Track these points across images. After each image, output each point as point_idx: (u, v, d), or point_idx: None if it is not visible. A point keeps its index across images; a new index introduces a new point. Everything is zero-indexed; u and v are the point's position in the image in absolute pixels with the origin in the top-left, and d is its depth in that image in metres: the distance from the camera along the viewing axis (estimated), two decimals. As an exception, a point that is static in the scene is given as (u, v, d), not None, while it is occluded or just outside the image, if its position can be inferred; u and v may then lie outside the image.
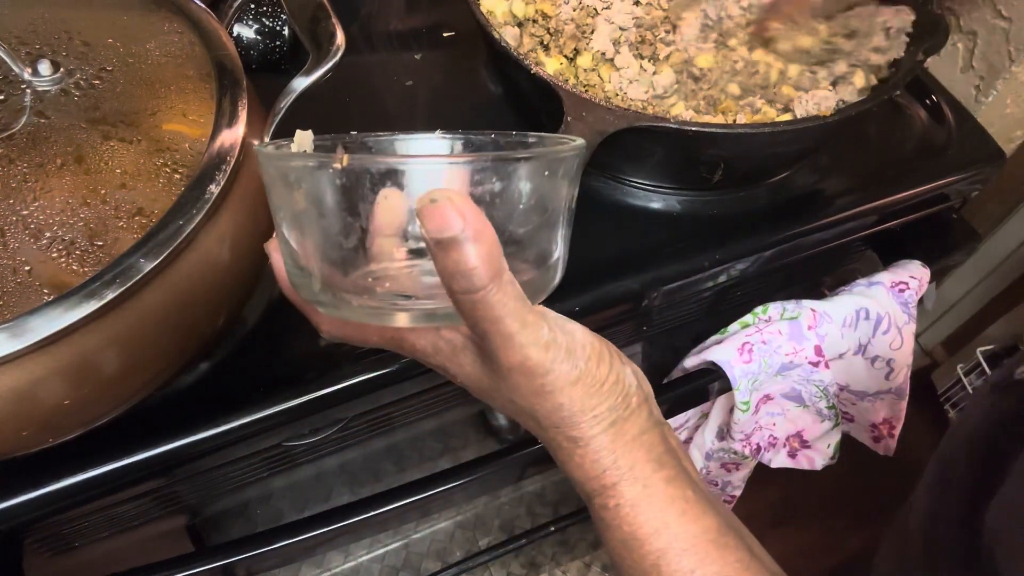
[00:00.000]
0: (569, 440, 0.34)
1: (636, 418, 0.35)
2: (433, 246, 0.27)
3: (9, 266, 0.35)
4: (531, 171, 0.29)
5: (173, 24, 0.46)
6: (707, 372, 0.63)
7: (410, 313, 0.31)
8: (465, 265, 0.27)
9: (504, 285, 0.28)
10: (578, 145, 0.32)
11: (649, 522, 0.34)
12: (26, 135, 0.39)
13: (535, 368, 0.31)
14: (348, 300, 0.31)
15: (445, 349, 0.34)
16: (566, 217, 0.32)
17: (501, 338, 0.30)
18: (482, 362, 0.33)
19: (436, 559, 1.22)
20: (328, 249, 0.30)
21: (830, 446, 0.73)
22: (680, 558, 0.34)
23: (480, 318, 0.29)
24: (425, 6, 0.75)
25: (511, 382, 0.32)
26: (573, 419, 0.33)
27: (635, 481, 0.34)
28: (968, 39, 0.75)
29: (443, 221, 0.26)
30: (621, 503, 0.34)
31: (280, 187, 0.30)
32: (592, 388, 0.33)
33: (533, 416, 0.34)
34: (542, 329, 0.31)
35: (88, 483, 0.45)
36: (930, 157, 0.66)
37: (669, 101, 0.57)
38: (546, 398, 0.33)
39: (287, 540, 0.53)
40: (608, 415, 0.34)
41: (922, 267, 0.69)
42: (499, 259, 0.28)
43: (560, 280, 0.34)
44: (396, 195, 0.29)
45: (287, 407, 0.48)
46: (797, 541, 1.27)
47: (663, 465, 0.35)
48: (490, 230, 0.27)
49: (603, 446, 0.34)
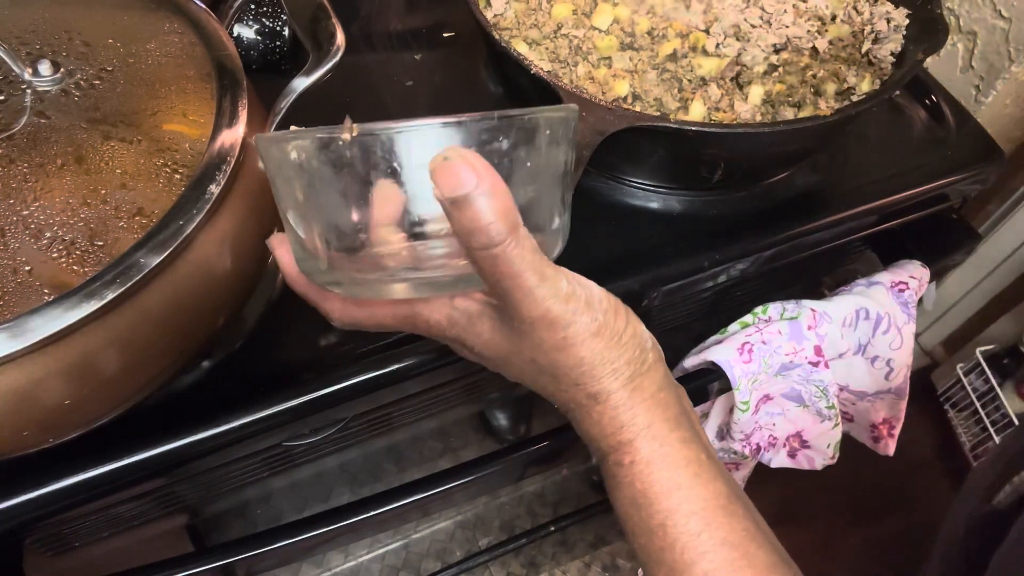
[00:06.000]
0: (589, 397, 0.34)
1: (653, 374, 0.35)
2: (448, 206, 0.27)
3: (9, 266, 0.35)
4: (532, 132, 0.30)
5: (173, 24, 0.46)
6: (707, 372, 0.63)
7: (416, 283, 0.32)
8: (482, 220, 0.27)
9: (522, 239, 0.29)
10: (572, 107, 0.32)
11: (661, 481, 0.34)
12: (26, 135, 0.39)
13: (557, 319, 0.31)
14: (356, 277, 0.32)
15: (461, 320, 0.34)
16: (566, 182, 0.33)
17: (522, 292, 0.30)
18: (502, 324, 0.33)
19: (436, 559, 1.22)
20: (334, 226, 0.31)
21: (830, 446, 0.73)
22: (688, 520, 0.34)
23: (501, 274, 0.29)
24: (425, 6, 0.75)
25: (534, 338, 0.32)
26: (594, 372, 0.33)
27: (652, 439, 0.34)
28: (968, 39, 0.75)
29: (456, 179, 0.26)
30: (636, 460, 0.34)
31: (285, 171, 0.31)
32: (612, 341, 0.33)
33: (554, 375, 0.34)
34: (561, 282, 0.31)
35: (88, 483, 0.45)
36: (930, 157, 0.66)
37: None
38: (568, 352, 0.33)
39: (287, 540, 0.53)
40: (626, 369, 0.34)
41: (922, 267, 0.69)
42: (515, 213, 0.28)
43: (564, 246, 0.35)
44: (391, 186, 0.29)
45: (287, 407, 0.48)
46: (797, 541, 1.26)
47: (679, 425, 0.35)
48: (503, 185, 0.27)
49: (621, 402, 0.34)
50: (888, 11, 0.60)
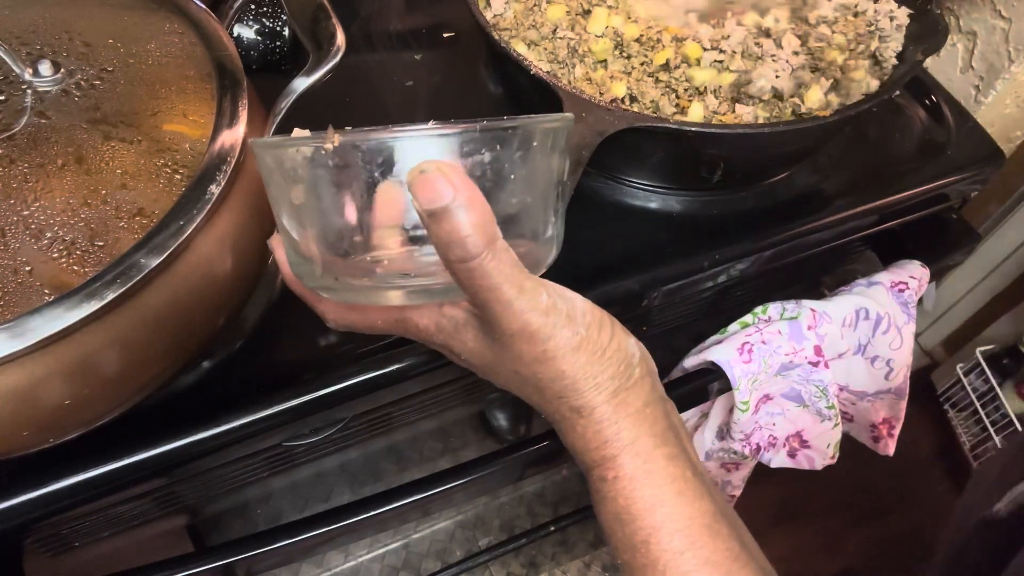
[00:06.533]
0: (572, 410, 0.34)
1: (639, 389, 0.35)
2: (426, 217, 0.27)
3: (10, 266, 0.35)
4: (520, 142, 0.30)
5: (173, 24, 0.46)
6: (707, 372, 0.63)
7: (408, 290, 0.32)
8: (458, 233, 0.27)
9: (499, 252, 0.29)
10: (565, 116, 0.32)
11: (645, 498, 0.34)
12: (27, 135, 0.39)
13: (536, 332, 0.31)
14: (349, 283, 0.32)
15: (448, 327, 0.34)
16: (559, 191, 0.33)
17: (500, 305, 0.30)
18: (484, 335, 0.33)
19: (436, 559, 1.22)
20: (327, 232, 0.31)
21: (830, 446, 0.73)
22: (671, 538, 0.34)
23: (478, 287, 0.29)
24: (425, 6, 0.75)
25: (514, 351, 0.32)
26: (576, 387, 0.33)
27: (636, 455, 0.34)
28: (968, 39, 0.75)
29: (433, 191, 0.26)
30: (620, 476, 0.34)
31: (277, 176, 0.31)
32: (594, 355, 0.33)
33: (536, 386, 0.34)
34: (541, 295, 0.31)
35: (88, 483, 0.45)
36: (930, 157, 0.66)
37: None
38: (548, 365, 0.32)
39: (287, 540, 0.53)
40: (610, 384, 0.34)
41: (922, 267, 0.69)
42: (492, 226, 0.28)
43: (557, 255, 0.34)
44: (395, 188, 0.29)
45: (287, 407, 0.48)
46: (797, 541, 1.27)
47: (665, 442, 0.35)
48: (481, 198, 0.27)
49: (605, 416, 0.34)
50: (891, 9, 0.60)
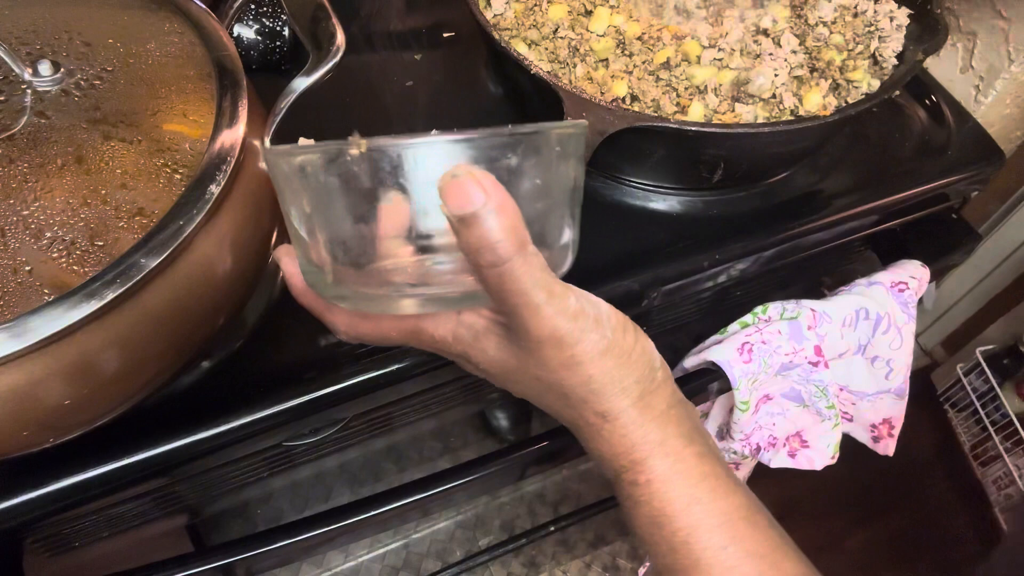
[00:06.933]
0: (597, 415, 0.34)
1: (663, 392, 0.35)
2: (456, 223, 0.27)
3: (10, 266, 0.35)
4: (540, 147, 0.30)
5: (173, 24, 0.46)
6: (707, 372, 0.63)
7: (423, 299, 0.32)
8: (490, 238, 0.27)
9: (529, 256, 0.28)
10: (581, 123, 0.32)
11: (680, 498, 0.33)
12: (27, 135, 0.39)
13: (565, 337, 0.31)
14: (362, 292, 0.32)
15: (466, 336, 0.34)
16: (575, 197, 0.33)
17: (529, 310, 0.30)
18: (508, 342, 0.33)
19: (436, 559, 1.22)
20: (342, 240, 0.31)
21: (830, 446, 0.73)
22: (712, 534, 0.33)
23: (508, 292, 0.29)
24: (425, 6, 0.75)
25: (540, 356, 0.32)
26: (603, 391, 0.33)
27: (666, 456, 0.34)
28: (968, 39, 0.75)
29: (465, 196, 0.26)
30: (652, 478, 0.34)
31: (293, 183, 0.30)
32: (621, 359, 0.33)
33: (560, 392, 0.33)
34: (569, 299, 0.31)
35: (88, 483, 0.45)
36: (930, 157, 0.66)
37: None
38: (575, 370, 0.32)
39: (287, 540, 0.53)
40: (636, 387, 0.33)
41: (922, 267, 0.69)
42: (523, 230, 0.28)
43: (573, 262, 0.34)
44: (398, 199, 0.29)
45: (287, 407, 0.48)
46: (797, 541, 1.26)
47: (693, 441, 0.34)
48: (511, 202, 0.27)
49: (632, 420, 0.33)
50: (891, 10, 0.60)
